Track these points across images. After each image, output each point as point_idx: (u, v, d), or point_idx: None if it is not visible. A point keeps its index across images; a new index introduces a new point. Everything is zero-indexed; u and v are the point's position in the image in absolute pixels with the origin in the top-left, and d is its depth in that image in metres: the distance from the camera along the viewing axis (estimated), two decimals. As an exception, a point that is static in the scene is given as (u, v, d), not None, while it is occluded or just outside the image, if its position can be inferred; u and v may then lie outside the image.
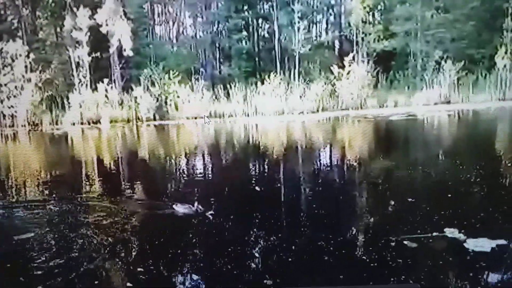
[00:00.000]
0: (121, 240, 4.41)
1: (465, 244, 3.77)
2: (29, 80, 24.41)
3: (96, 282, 3.44)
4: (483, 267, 3.38)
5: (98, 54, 26.35)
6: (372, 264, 3.54)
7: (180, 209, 5.08)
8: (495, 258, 3.51)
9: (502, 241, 3.78)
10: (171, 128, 20.91)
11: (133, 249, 4.20)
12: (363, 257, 3.71)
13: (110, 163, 10.87)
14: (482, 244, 3.72)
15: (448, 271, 3.38)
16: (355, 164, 8.70)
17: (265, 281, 3.29)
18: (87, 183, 8.01)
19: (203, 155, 11.34)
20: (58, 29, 29.13)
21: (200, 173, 8.70)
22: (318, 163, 9.21)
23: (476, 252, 3.61)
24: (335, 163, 9.16)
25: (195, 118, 24.22)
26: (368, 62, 27.47)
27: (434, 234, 4.02)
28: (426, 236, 3.99)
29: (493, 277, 3.23)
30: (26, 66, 24.67)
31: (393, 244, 3.86)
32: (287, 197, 6.31)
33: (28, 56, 24.69)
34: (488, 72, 26.55)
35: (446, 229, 4.07)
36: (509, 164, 7.93)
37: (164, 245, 4.26)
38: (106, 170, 9.55)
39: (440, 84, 26.06)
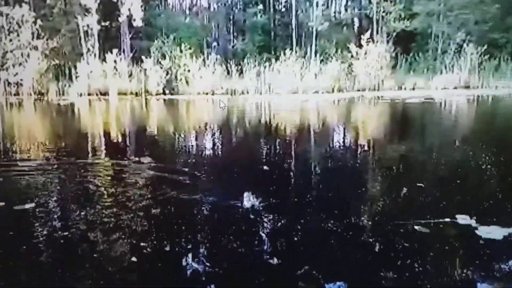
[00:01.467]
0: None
1: (476, 232, 3.59)
2: (36, 47, 23.73)
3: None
4: (494, 255, 3.22)
5: (107, 23, 25.59)
6: (381, 247, 3.37)
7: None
8: (506, 246, 3.34)
9: (515, 230, 3.60)
10: (181, 103, 20.27)
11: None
12: (373, 240, 3.51)
13: (118, 136, 10.26)
14: (493, 232, 3.57)
15: (458, 258, 3.20)
16: (368, 147, 8.31)
17: (270, 261, 3.12)
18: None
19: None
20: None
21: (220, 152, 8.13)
22: (330, 145, 8.79)
23: (488, 240, 3.43)
24: (348, 145, 8.74)
25: (206, 93, 23.55)
26: (387, 42, 26.51)
27: (446, 220, 3.86)
28: (437, 222, 3.81)
29: (504, 265, 3.06)
30: (32, 33, 23.96)
31: (404, 229, 3.69)
32: (297, 177, 5.94)
33: (35, 23, 23.94)
34: (511, 57, 25.78)
35: (457, 216, 3.89)
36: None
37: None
38: (114, 143, 8.96)
39: (461, 68, 25.27)
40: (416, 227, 3.68)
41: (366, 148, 8.21)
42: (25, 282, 2.92)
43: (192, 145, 8.89)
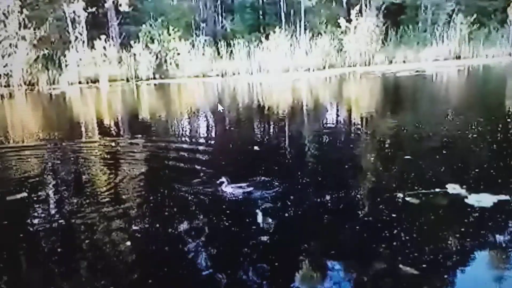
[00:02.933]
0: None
1: (466, 200, 3.73)
2: (24, 37, 23.41)
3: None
4: (484, 222, 3.37)
5: (94, 9, 25.21)
6: (373, 219, 3.50)
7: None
8: (496, 214, 3.48)
9: (503, 197, 3.74)
10: (172, 87, 20.26)
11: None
12: (366, 213, 3.68)
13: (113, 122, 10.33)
14: (483, 200, 3.70)
15: (449, 227, 3.35)
16: (361, 122, 8.57)
17: (260, 238, 3.25)
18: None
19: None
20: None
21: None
22: (323, 122, 9.11)
23: (478, 208, 3.58)
24: (340, 121, 9.05)
25: (197, 76, 23.38)
26: (377, 16, 26.26)
27: (437, 190, 4.00)
28: (428, 192, 3.96)
29: (494, 233, 3.20)
30: (20, 23, 23.60)
31: (396, 200, 3.82)
32: (290, 154, 6.29)
33: (21, 12, 23.57)
34: (500, 25, 25.67)
35: (448, 185, 4.04)
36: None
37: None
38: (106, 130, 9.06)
39: (451, 39, 25.16)
40: (407, 198, 3.79)
41: (359, 123, 8.43)
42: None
43: (184, 129, 8.99)
